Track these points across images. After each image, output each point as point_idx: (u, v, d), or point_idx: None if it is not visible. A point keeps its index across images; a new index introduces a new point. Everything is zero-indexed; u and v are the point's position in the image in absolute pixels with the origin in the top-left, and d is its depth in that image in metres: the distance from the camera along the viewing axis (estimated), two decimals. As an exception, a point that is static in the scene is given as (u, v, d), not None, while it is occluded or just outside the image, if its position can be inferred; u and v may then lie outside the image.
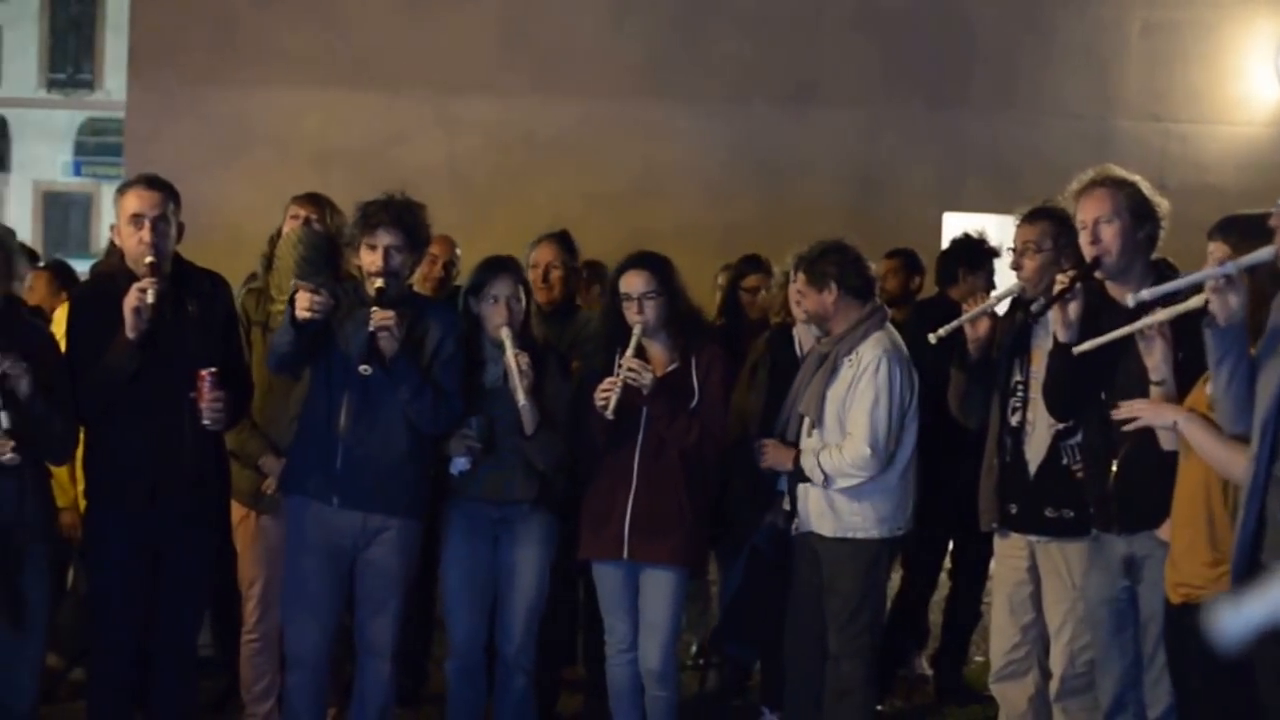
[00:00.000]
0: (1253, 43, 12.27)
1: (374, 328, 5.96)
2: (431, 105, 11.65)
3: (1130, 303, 4.98)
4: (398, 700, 6.57)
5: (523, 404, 6.19)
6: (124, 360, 5.88)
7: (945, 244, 9.04)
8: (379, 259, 6.12)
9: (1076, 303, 5.62)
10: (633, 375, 6.29)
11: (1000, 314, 6.35)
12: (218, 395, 5.95)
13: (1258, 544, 4.53)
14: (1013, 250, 6.28)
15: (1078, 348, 5.47)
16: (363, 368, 5.95)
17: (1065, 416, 5.91)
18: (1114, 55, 12.24)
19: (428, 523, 6.39)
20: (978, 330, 6.17)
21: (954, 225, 10.81)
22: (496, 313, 6.34)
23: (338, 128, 11.51)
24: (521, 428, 6.28)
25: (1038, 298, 5.99)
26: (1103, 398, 5.64)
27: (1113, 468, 5.61)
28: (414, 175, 8.08)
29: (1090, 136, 11.83)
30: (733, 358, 6.86)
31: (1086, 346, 5.42)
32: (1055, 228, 6.12)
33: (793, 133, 11.92)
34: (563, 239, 7.48)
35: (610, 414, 6.28)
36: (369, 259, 6.15)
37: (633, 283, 6.46)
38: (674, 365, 6.51)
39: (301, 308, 5.93)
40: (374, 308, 6.00)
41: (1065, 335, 5.65)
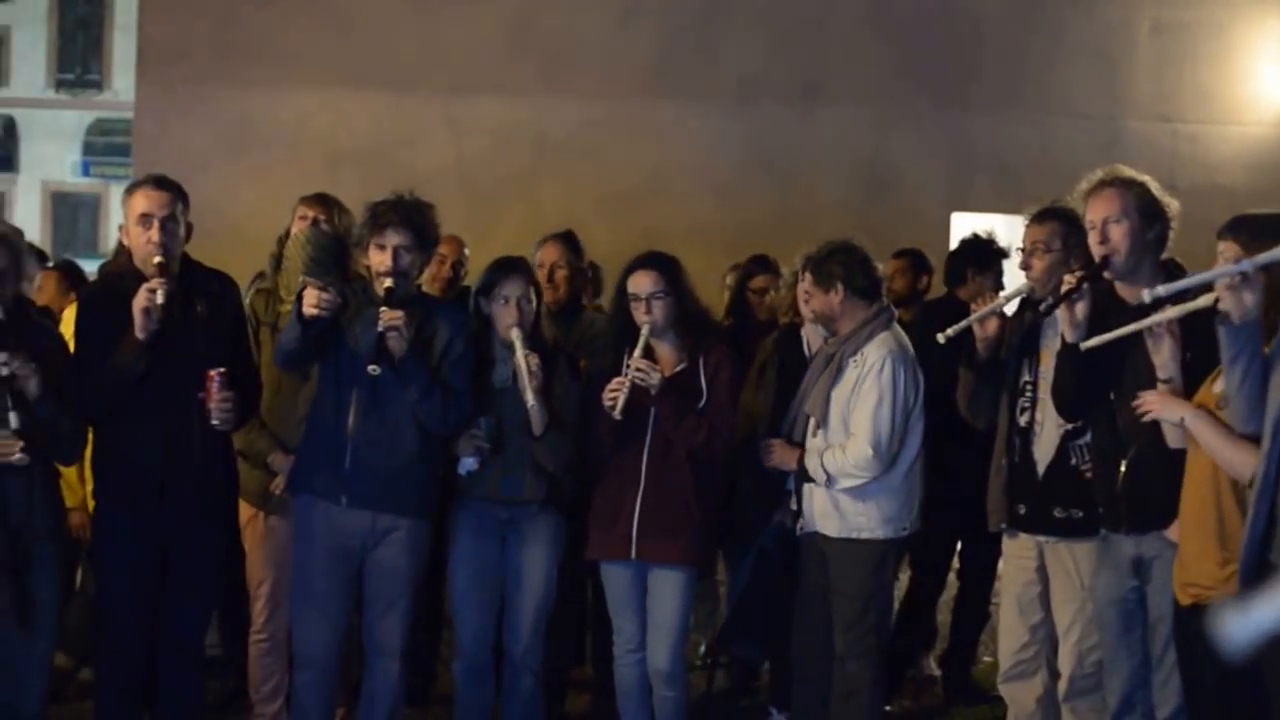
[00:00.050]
0: (1263, 43, 12.23)
1: (383, 328, 5.96)
2: (440, 106, 11.63)
3: (1146, 298, 4.97)
4: (406, 700, 6.56)
5: (532, 405, 6.19)
6: (133, 360, 5.88)
7: (953, 244, 9.03)
8: (388, 259, 6.12)
9: (1084, 302, 5.62)
10: (640, 375, 6.29)
11: (1009, 314, 6.34)
12: (227, 395, 5.95)
13: (1267, 543, 4.52)
14: (1022, 250, 6.27)
15: (1085, 343, 5.47)
16: (371, 368, 5.96)
17: (1074, 416, 5.90)
18: (1123, 55, 12.21)
19: (436, 523, 6.39)
20: (986, 330, 6.17)
21: (962, 225, 10.80)
22: (507, 313, 6.35)
23: (346, 128, 11.50)
24: (530, 428, 6.29)
25: (1047, 298, 5.98)
26: (1111, 398, 5.65)
27: (1121, 468, 5.61)
28: (422, 175, 8.09)
29: (1099, 137, 11.81)
30: (740, 358, 6.85)
31: (1094, 342, 5.42)
32: (1064, 228, 6.12)
33: (801, 133, 11.90)
34: (568, 239, 7.48)
35: (618, 414, 6.28)
36: (378, 259, 6.15)
37: (641, 283, 6.46)
38: (682, 365, 6.50)
39: (309, 305, 5.94)
40: (383, 308, 6.00)
41: (1073, 335, 5.64)
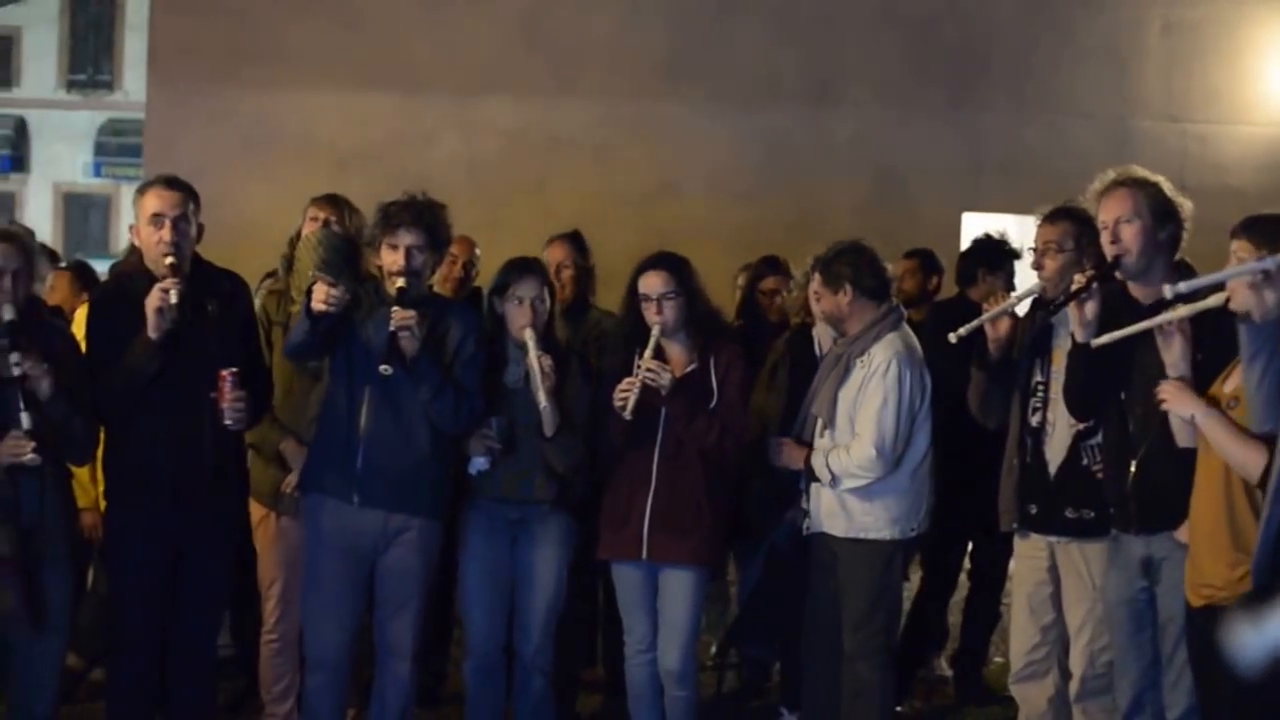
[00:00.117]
0: (1273, 43, 12.21)
1: (395, 327, 5.97)
2: (451, 106, 11.63)
3: (1168, 294, 4.96)
4: (417, 701, 6.56)
5: (544, 405, 6.19)
6: (146, 360, 5.89)
7: (964, 244, 9.03)
8: (400, 258, 6.12)
9: (1093, 302, 5.61)
10: (651, 376, 6.29)
11: (1020, 314, 6.33)
12: (239, 395, 5.96)
13: (1280, 544, 4.52)
14: (1034, 250, 6.27)
15: (1096, 340, 5.46)
16: (383, 367, 5.95)
17: (1085, 416, 5.89)
18: (1133, 55, 12.19)
19: (446, 523, 6.39)
20: (998, 330, 6.16)
21: (973, 225, 10.79)
22: (521, 314, 6.35)
23: (357, 128, 11.50)
24: (542, 429, 6.29)
25: (1058, 298, 5.98)
26: (1122, 397, 5.64)
27: (1131, 468, 5.60)
28: (433, 176, 8.08)
29: (1109, 137, 11.79)
30: (750, 359, 6.84)
31: (1105, 339, 5.41)
32: (1077, 228, 6.13)
33: (812, 133, 11.89)
34: (574, 239, 7.49)
35: (628, 414, 6.27)
36: (390, 258, 6.16)
37: (652, 283, 6.46)
38: (693, 366, 6.50)
39: (318, 300, 5.93)
40: (395, 307, 6.01)
41: (1083, 335, 5.64)
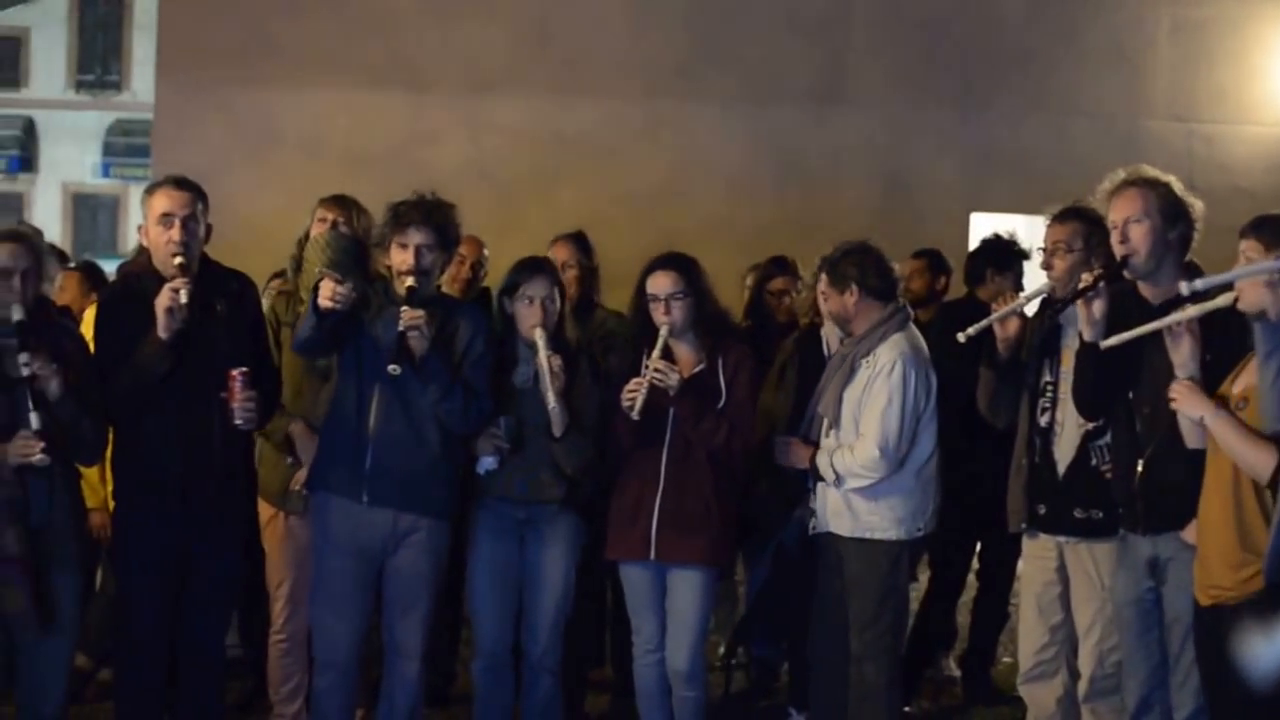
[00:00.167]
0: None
1: (404, 327, 5.96)
2: (458, 106, 11.64)
3: (1184, 290, 4.96)
4: (425, 701, 6.56)
5: (553, 406, 6.20)
6: (155, 360, 5.89)
7: (972, 244, 9.02)
8: (410, 257, 6.12)
9: (1100, 301, 5.61)
10: (659, 376, 6.28)
11: (1029, 314, 6.33)
12: (249, 395, 5.96)
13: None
14: (1043, 250, 6.27)
15: (1105, 341, 5.46)
16: (392, 367, 5.94)
17: (1094, 415, 5.89)
18: (1141, 55, 12.19)
19: (455, 523, 6.39)
20: (1007, 330, 6.16)
21: (981, 225, 10.80)
22: (531, 314, 6.35)
23: (365, 128, 11.51)
24: (550, 429, 6.29)
25: (1066, 297, 5.98)
26: (1130, 397, 5.64)
27: (1138, 468, 5.60)
28: (441, 176, 8.06)
29: (1117, 137, 11.78)
30: (758, 359, 6.84)
31: (1114, 341, 5.41)
32: (1086, 228, 6.13)
33: (820, 133, 11.89)
34: (578, 239, 7.49)
35: (636, 414, 6.28)
36: (399, 258, 6.16)
37: (660, 283, 6.46)
38: (701, 366, 6.50)
39: (324, 297, 5.92)
40: (404, 307, 6.00)
41: (1091, 334, 5.64)
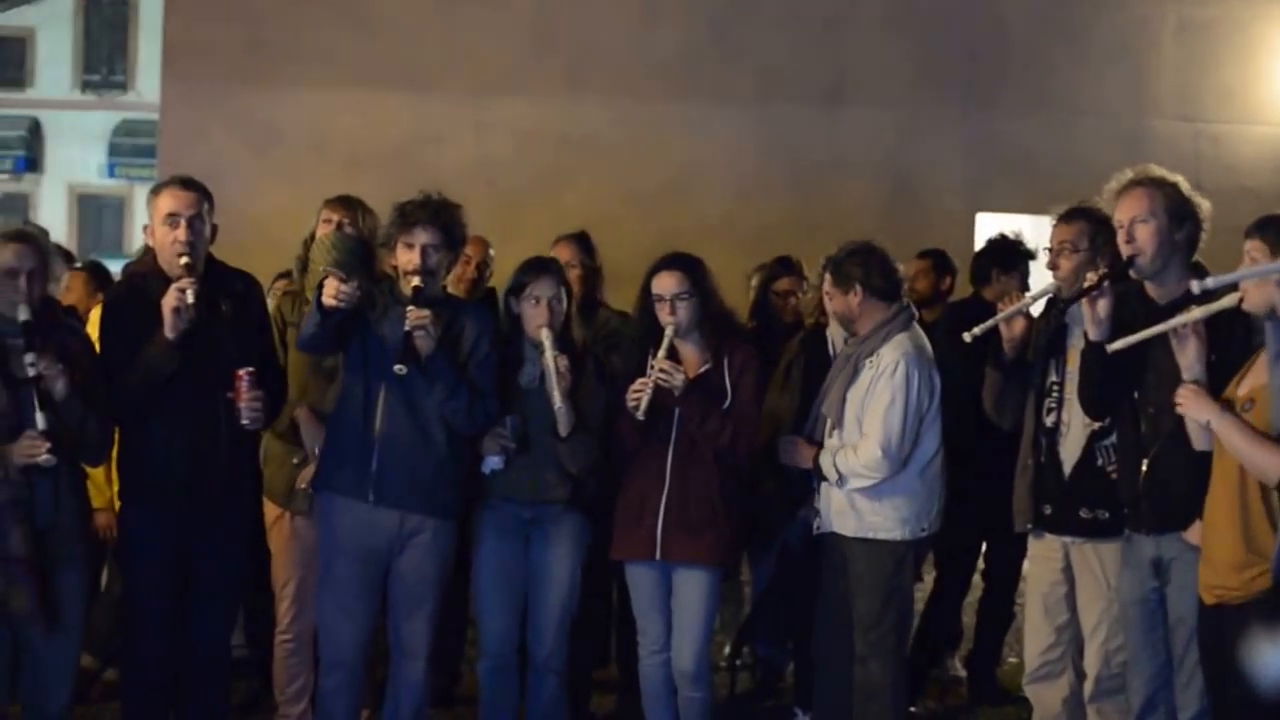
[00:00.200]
0: (1286, 41, 12.24)
1: (410, 327, 5.96)
2: (464, 106, 11.65)
3: (1195, 289, 4.96)
4: (431, 701, 6.57)
5: (559, 406, 6.20)
6: (163, 360, 5.89)
7: (977, 244, 9.02)
8: (416, 257, 6.12)
9: (1105, 300, 5.62)
10: (664, 376, 6.28)
11: (1035, 314, 6.33)
12: (256, 394, 5.97)
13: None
14: (1049, 250, 6.27)
15: (1112, 346, 5.45)
16: (398, 367, 5.95)
17: (1099, 415, 5.89)
18: (1147, 55, 12.19)
19: (460, 523, 6.39)
20: (1013, 330, 6.15)
21: (986, 226, 10.79)
22: (538, 314, 6.34)
23: (370, 128, 11.52)
24: (556, 429, 6.29)
25: (1072, 297, 5.98)
26: (1135, 396, 5.64)
27: (1142, 468, 5.59)
28: (446, 176, 8.08)
29: (1123, 137, 11.78)
30: (764, 360, 6.83)
31: (1120, 345, 5.40)
32: (1092, 228, 6.13)
33: (825, 133, 11.90)
34: (581, 239, 7.49)
35: (641, 415, 6.28)
36: (405, 257, 6.16)
37: (665, 284, 6.46)
38: (706, 366, 6.49)
39: (328, 295, 5.91)
40: (410, 307, 6.01)
41: (1096, 333, 5.65)
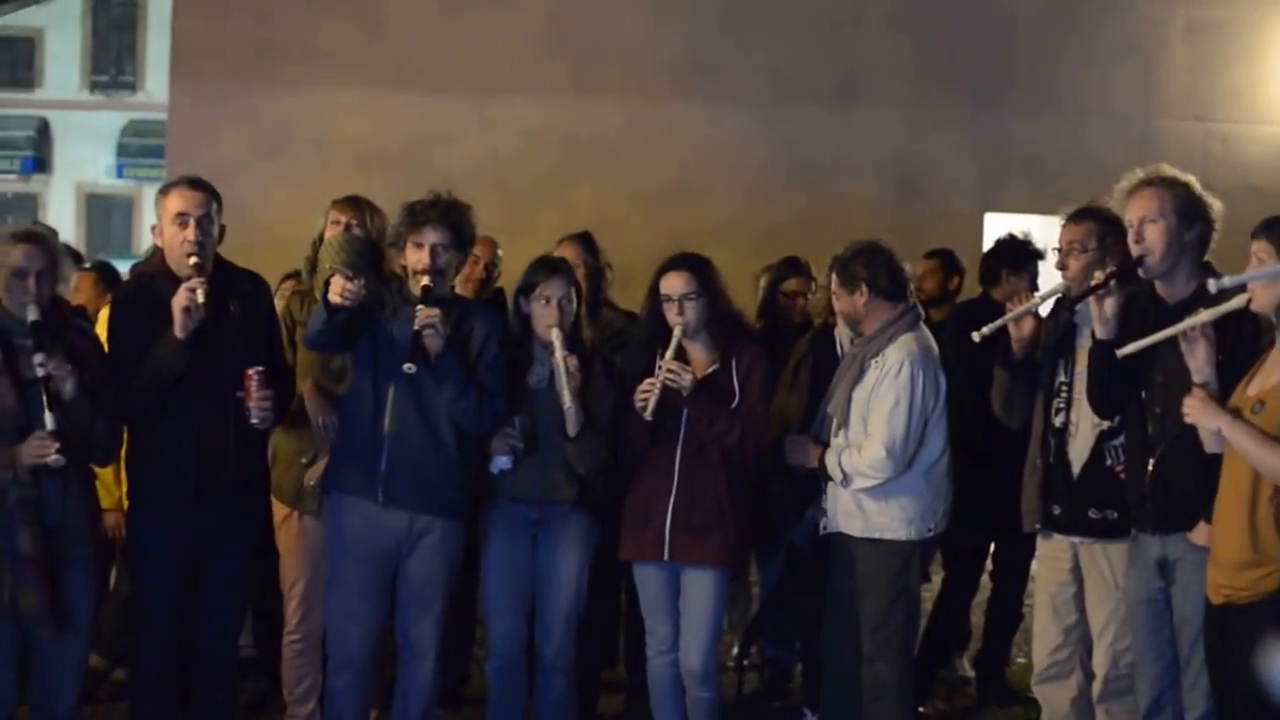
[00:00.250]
0: (1294, 42, 12.24)
1: (419, 326, 5.97)
2: (472, 106, 11.66)
3: (1213, 288, 4.96)
4: (439, 701, 6.57)
5: (569, 405, 6.19)
6: (172, 359, 5.90)
7: (986, 244, 9.01)
8: (425, 256, 6.13)
9: (1112, 299, 5.62)
10: (672, 377, 6.28)
11: (1044, 314, 6.32)
12: (265, 394, 5.98)
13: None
14: (1058, 250, 6.26)
15: (1121, 350, 5.44)
16: (407, 366, 5.95)
17: (1108, 413, 5.88)
18: (1156, 55, 12.19)
19: (468, 523, 6.39)
20: (1022, 330, 6.15)
21: (995, 225, 10.79)
22: (548, 314, 6.34)
23: (379, 128, 11.54)
24: (565, 429, 6.29)
25: (1079, 295, 5.97)
26: (1142, 396, 5.63)
27: (1149, 467, 5.59)
28: (455, 176, 8.08)
29: (1132, 137, 11.79)
30: (773, 360, 6.83)
31: (1130, 349, 5.39)
32: (1101, 228, 6.12)
33: (833, 133, 11.90)
34: (584, 239, 7.49)
35: (649, 415, 6.27)
36: (415, 257, 6.16)
37: (673, 284, 6.45)
38: (714, 366, 6.49)
39: (334, 293, 5.92)
40: (419, 306, 6.01)
41: (1103, 331, 5.65)
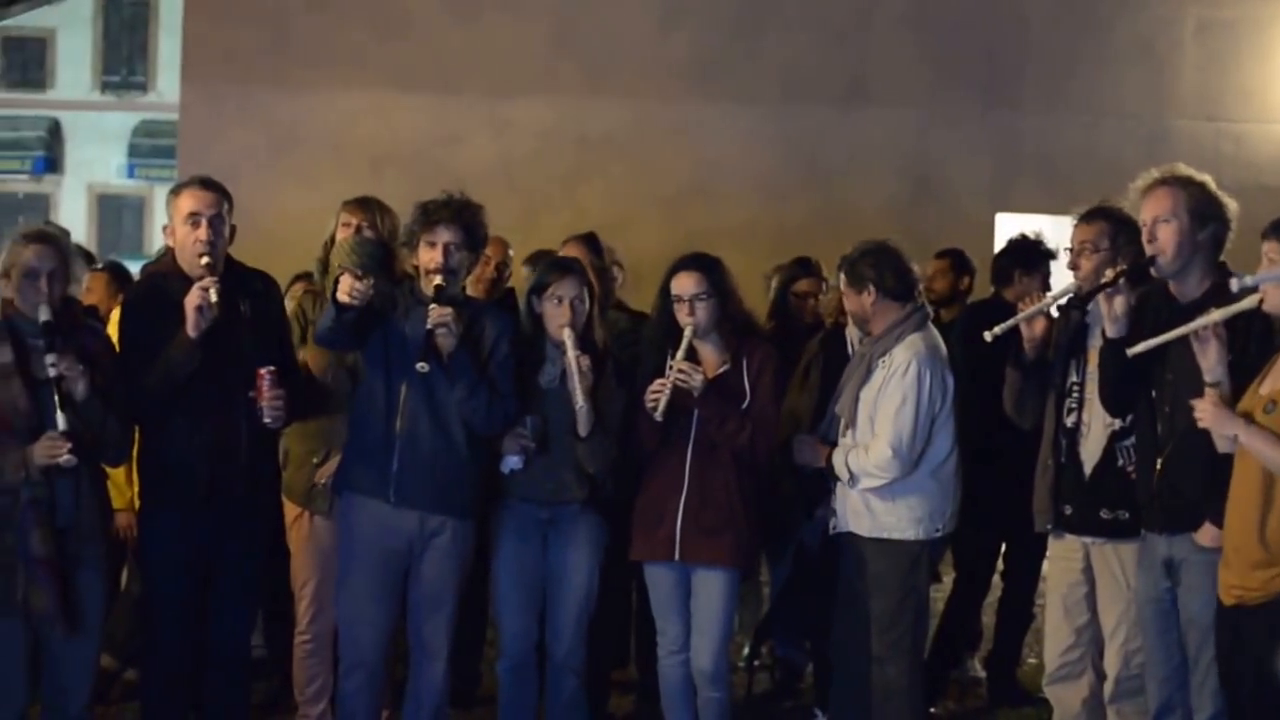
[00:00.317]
0: (1307, 40, 12.22)
1: (432, 325, 5.97)
2: (484, 107, 11.68)
3: (1234, 287, 4.96)
4: (451, 701, 6.56)
5: (580, 405, 6.19)
6: (184, 359, 5.90)
7: (998, 244, 9.01)
8: (438, 255, 6.13)
9: (1121, 297, 5.61)
10: (683, 377, 6.28)
11: (1055, 314, 6.31)
12: (278, 393, 5.99)
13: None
14: (1070, 250, 6.25)
15: (1132, 350, 5.43)
16: (420, 365, 5.96)
17: (1119, 412, 5.87)
18: (1168, 54, 12.17)
19: (479, 523, 6.39)
20: (1034, 330, 6.13)
21: (1006, 225, 10.77)
22: (560, 313, 6.33)
23: (390, 129, 11.55)
24: (576, 429, 6.29)
25: (1089, 293, 5.96)
26: (1153, 395, 5.62)
27: (1157, 467, 5.58)
28: (466, 177, 8.05)
29: (1144, 137, 11.78)
30: (783, 360, 6.83)
31: (1141, 348, 5.38)
32: (1113, 228, 6.11)
33: (844, 133, 11.90)
34: (589, 240, 7.49)
35: (659, 415, 6.27)
36: (427, 256, 6.16)
37: (684, 284, 6.44)
38: (725, 367, 6.48)
39: (343, 292, 5.92)
40: (432, 305, 6.01)
41: (1113, 330, 5.64)
